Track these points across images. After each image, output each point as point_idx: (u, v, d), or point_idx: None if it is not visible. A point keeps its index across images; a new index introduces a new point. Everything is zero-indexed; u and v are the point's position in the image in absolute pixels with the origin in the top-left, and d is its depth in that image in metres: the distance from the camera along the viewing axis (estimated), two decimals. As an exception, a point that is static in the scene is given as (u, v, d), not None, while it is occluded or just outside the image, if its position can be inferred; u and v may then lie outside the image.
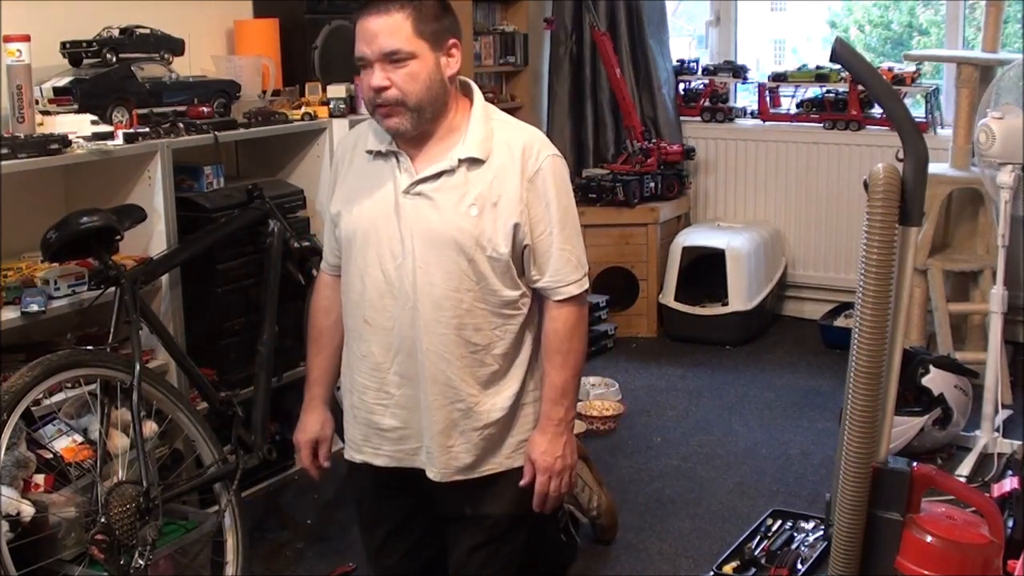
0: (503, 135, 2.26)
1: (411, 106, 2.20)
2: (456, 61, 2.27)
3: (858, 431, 2.07)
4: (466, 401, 2.25)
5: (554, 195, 2.22)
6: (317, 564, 2.94)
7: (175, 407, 2.61)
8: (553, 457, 2.24)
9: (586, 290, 2.27)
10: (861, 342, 2.04)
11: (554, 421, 2.25)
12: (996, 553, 2.14)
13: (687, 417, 3.95)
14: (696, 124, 5.22)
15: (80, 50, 2.98)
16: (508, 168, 2.21)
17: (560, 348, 2.25)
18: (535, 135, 2.29)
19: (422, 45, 2.19)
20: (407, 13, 2.17)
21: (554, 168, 2.24)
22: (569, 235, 2.25)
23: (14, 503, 2.23)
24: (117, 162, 2.84)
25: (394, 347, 2.28)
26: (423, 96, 2.20)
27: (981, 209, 4.12)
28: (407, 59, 2.18)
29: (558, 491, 2.27)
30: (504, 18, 5.05)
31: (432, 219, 2.21)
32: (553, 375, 2.25)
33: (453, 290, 2.21)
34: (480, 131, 2.25)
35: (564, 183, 2.26)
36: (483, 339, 2.24)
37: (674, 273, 4.78)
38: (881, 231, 2.01)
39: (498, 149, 2.23)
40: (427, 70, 2.20)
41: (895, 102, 2.23)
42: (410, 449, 2.33)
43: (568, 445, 2.26)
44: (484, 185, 2.20)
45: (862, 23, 6.15)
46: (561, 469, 2.25)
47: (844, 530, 2.12)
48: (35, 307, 2.54)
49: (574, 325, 2.25)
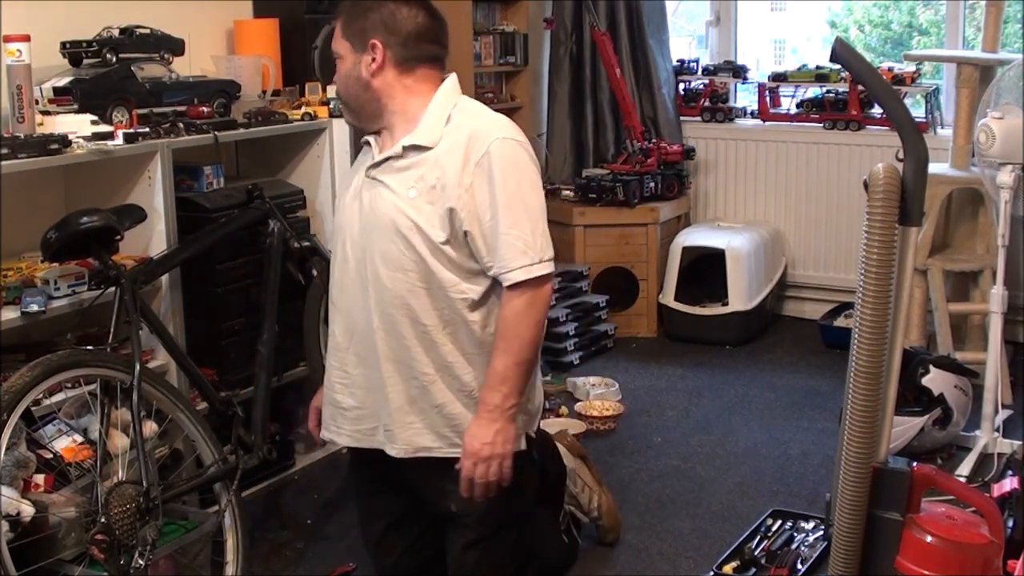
0: (460, 123, 2.28)
1: (343, 99, 2.42)
2: (375, 60, 2.31)
3: (858, 431, 2.07)
4: (420, 379, 2.29)
5: (500, 178, 2.21)
6: (317, 564, 2.94)
7: (175, 407, 2.61)
8: (480, 442, 2.21)
9: (541, 276, 2.21)
10: (861, 342, 2.04)
11: (488, 406, 2.22)
12: (996, 553, 2.14)
13: (687, 417, 3.95)
14: (696, 124, 5.22)
15: (80, 50, 2.98)
16: (452, 153, 2.24)
17: (504, 333, 2.23)
18: (493, 122, 2.30)
19: (346, 46, 2.34)
20: (341, 17, 2.35)
21: (503, 151, 2.23)
22: (518, 219, 2.21)
23: (14, 503, 2.23)
24: (117, 162, 2.84)
25: (351, 328, 2.35)
26: (344, 93, 2.38)
27: (981, 209, 4.12)
28: (338, 59, 2.36)
29: (484, 478, 2.22)
30: (504, 18, 5.05)
31: (379, 203, 2.28)
32: (495, 359, 2.23)
33: (394, 270, 2.26)
34: (432, 119, 2.29)
35: (514, 166, 2.23)
36: (431, 319, 2.27)
37: (674, 273, 4.78)
38: (881, 231, 2.01)
39: (448, 136, 2.26)
40: (346, 70, 2.34)
41: (895, 102, 2.23)
42: (367, 429, 2.39)
43: (501, 433, 2.21)
44: (426, 168, 2.25)
45: (862, 23, 6.15)
46: (488, 456, 2.21)
47: (844, 530, 2.12)
48: (35, 307, 2.54)
49: (521, 312, 2.21)
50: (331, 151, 3.42)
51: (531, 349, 2.23)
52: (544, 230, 2.26)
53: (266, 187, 3.15)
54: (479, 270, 2.26)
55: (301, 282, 3.08)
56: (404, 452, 2.33)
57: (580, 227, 4.79)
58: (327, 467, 3.48)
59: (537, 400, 2.45)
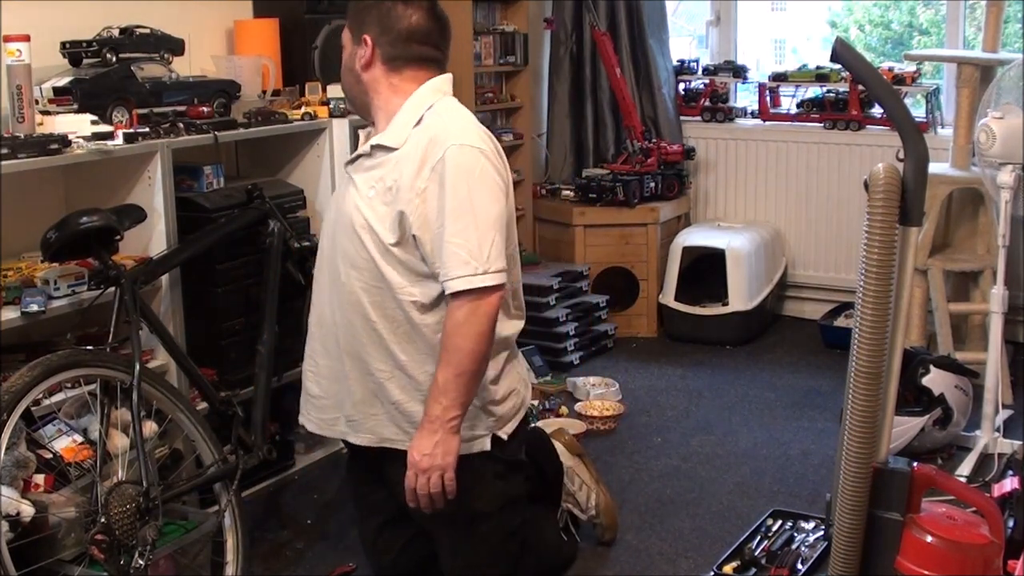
0: (427, 125, 2.28)
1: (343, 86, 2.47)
2: (364, 57, 2.34)
3: (858, 431, 2.07)
4: (375, 376, 2.31)
5: (451, 185, 2.17)
6: (317, 564, 2.94)
7: (175, 407, 2.61)
8: (420, 453, 2.18)
9: (483, 288, 2.15)
10: (861, 342, 2.04)
11: (430, 417, 2.18)
12: (996, 553, 2.14)
13: (687, 417, 3.95)
14: (696, 124, 5.22)
15: (80, 50, 2.98)
16: (411, 156, 2.24)
17: (445, 344, 2.18)
18: (459, 127, 2.26)
19: (347, 37, 2.40)
20: (350, 8, 2.41)
21: (459, 158, 2.19)
22: (464, 227, 2.16)
23: (14, 503, 2.23)
24: (117, 162, 2.84)
25: (320, 319, 2.41)
26: (342, 81, 2.44)
27: (981, 209, 4.12)
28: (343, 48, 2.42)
29: (426, 490, 2.18)
30: (504, 18, 5.05)
31: (345, 200, 2.33)
32: (437, 370, 2.19)
33: (350, 267, 2.30)
34: (402, 120, 2.30)
35: (468, 174, 2.19)
36: (380, 320, 2.28)
37: (674, 273, 4.78)
38: (881, 231, 2.01)
39: (413, 138, 2.27)
40: (344, 60, 2.40)
41: (895, 102, 2.23)
42: (329, 419, 2.44)
43: (441, 445, 2.17)
44: (387, 169, 2.27)
45: (862, 23, 6.15)
46: (427, 467, 2.17)
47: (844, 530, 2.12)
48: (35, 307, 2.54)
49: (460, 322, 2.16)
50: (331, 151, 3.42)
51: (472, 361, 2.17)
52: (495, 241, 2.19)
53: (266, 187, 3.15)
54: (429, 274, 2.24)
55: (301, 282, 3.08)
56: (369, 441, 2.36)
57: (580, 227, 4.78)
58: (327, 467, 3.48)
59: (510, 402, 2.41)
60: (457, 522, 2.36)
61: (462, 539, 2.40)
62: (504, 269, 2.20)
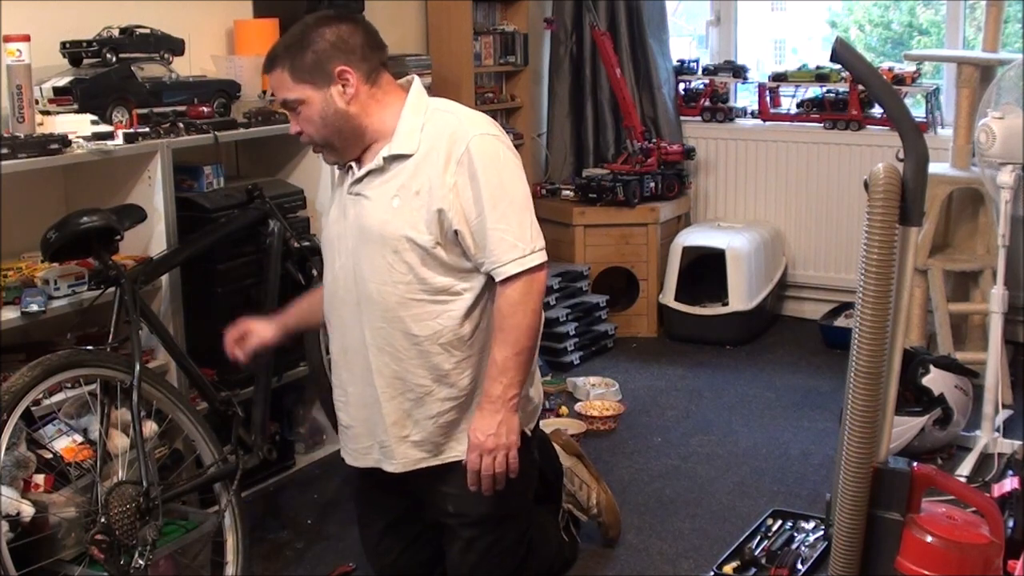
0: (436, 124, 2.28)
1: (320, 143, 2.33)
2: (351, 86, 2.28)
3: (858, 431, 2.07)
4: (415, 391, 2.30)
5: (483, 175, 2.21)
6: (317, 564, 2.94)
7: (175, 407, 2.61)
8: (484, 434, 2.22)
9: (533, 267, 2.22)
10: (861, 342, 2.04)
11: (490, 398, 2.23)
12: (996, 553, 2.15)
13: (687, 417, 3.95)
14: (696, 124, 5.22)
15: (80, 50, 2.98)
16: (432, 155, 2.24)
17: (501, 325, 2.24)
18: (469, 119, 2.30)
19: (305, 89, 2.27)
20: (284, 65, 2.28)
21: (482, 147, 2.23)
22: (504, 213, 2.22)
23: (14, 503, 2.23)
24: (117, 162, 2.84)
25: (345, 345, 2.37)
26: (324, 133, 2.31)
27: (981, 209, 4.12)
28: (299, 105, 2.29)
29: (491, 470, 2.22)
30: (504, 18, 5.05)
31: (364, 216, 2.29)
32: (494, 351, 2.24)
33: (383, 283, 2.27)
34: (408, 126, 2.29)
35: (495, 161, 2.24)
36: (424, 330, 2.27)
37: (674, 273, 4.78)
38: (881, 231, 2.01)
39: (427, 139, 2.27)
40: (318, 110, 2.29)
41: (895, 102, 2.23)
42: (363, 448, 2.42)
43: (504, 424, 2.22)
44: (407, 176, 2.26)
45: (862, 23, 6.15)
46: (493, 447, 2.21)
47: (844, 530, 2.12)
48: (35, 307, 2.54)
49: (516, 302, 2.22)
50: (331, 151, 3.41)
51: (529, 337, 2.24)
52: (532, 220, 2.26)
53: (266, 187, 3.15)
54: (472, 268, 2.27)
55: (301, 282, 3.08)
56: (402, 467, 2.35)
57: (580, 227, 4.78)
58: (327, 467, 3.48)
59: (536, 399, 2.45)
60: (486, 518, 2.36)
61: (484, 535, 2.40)
62: (544, 247, 2.28)
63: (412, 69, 4.12)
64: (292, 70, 2.27)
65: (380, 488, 2.50)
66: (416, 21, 4.67)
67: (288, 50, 2.28)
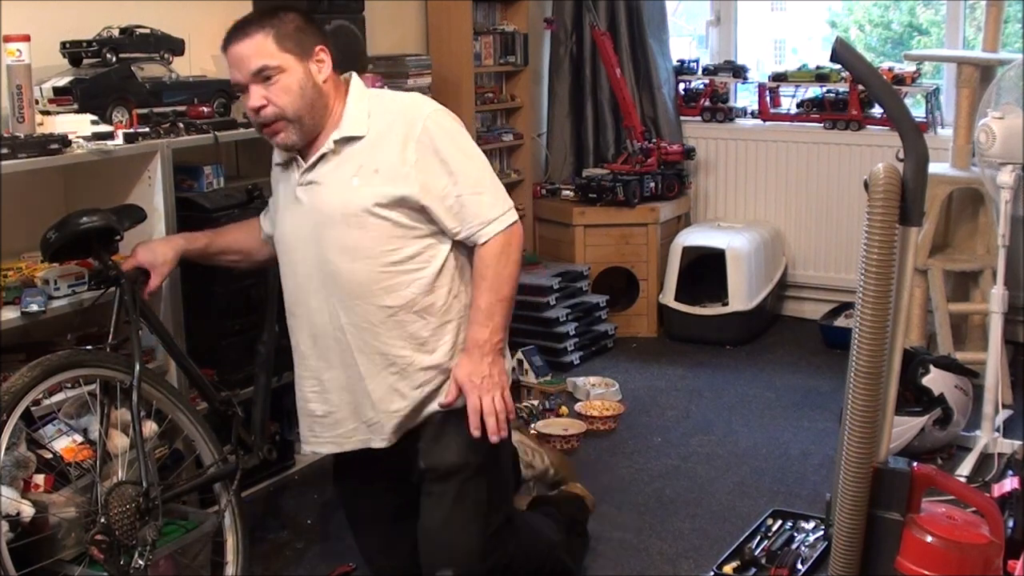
0: (383, 108, 2.35)
1: (290, 117, 2.31)
2: (326, 65, 2.35)
3: (858, 431, 2.07)
4: (398, 364, 2.32)
5: (445, 149, 2.28)
6: (317, 564, 2.94)
7: (175, 407, 2.61)
8: (480, 376, 2.26)
9: (513, 223, 2.31)
10: (861, 342, 2.04)
11: (478, 342, 2.27)
12: (996, 553, 2.14)
13: (687, 417, 3.95)
14: (696, 124, 5.22)
15: (80, 50, 2.98)
16: (387, 135, 2.29)
17: (484, 273, 2.29)
18: (415, 99, 2.39)
19: (288, 58, 2.30)
20: (267, 31, 2.29)
21: (439, 122, 2.31)
22: (477, 180, 2.31)
23: (14, 503, 2.23)
24: (117, 162, 2.84)
25: (316, 333, 2.38)
26: (299, 105, 2.31)
27: (981, 209, 4.12)
28: (276, 74, 2.29)
29: (492, 409, 2.25)
30: (504, 18, 5.05)
31: (322, 200, 2.32)
32: (478, 299, 2.30)
33: (352, 261, 2.29)
34: (355, 111, 2.34)
35: (454, 133, 2.32)
36: (397, 300, 2.30)
37: (674, 273, 4.78)
38: (881, 231, 2.01)
39: (377, 121, 2.32)
40: (298, 80, 2.30)
41: (895, 102, 2.23)
42: (346, 432, 2.42)
43: (495, 365, 2.27)
44: (363, 156, 2.30)
45: (862, 23, 6.15)
46: (491, 387, 2.26)
47: (844, 530, 2.12)
48: (35, 307, 2.54)
49: (499, 252, 2.29)
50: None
51: (511, 286, 2.31)
52: (497, 180, 2.36)
53: (266, 187, 3.14)
54: (436, 231, 2.31)
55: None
56: (392, 440, 2.36)
57: (580, 227, 4.79)
58: (327, 467, 3.46)
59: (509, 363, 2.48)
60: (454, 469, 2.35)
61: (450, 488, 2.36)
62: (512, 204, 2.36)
63: (412, 69, 4.13)
64: (277, 36, 2.29)
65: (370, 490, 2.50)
66: (416, 21, 4.67)
67: (268, 18, 2.32)
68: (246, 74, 2.31)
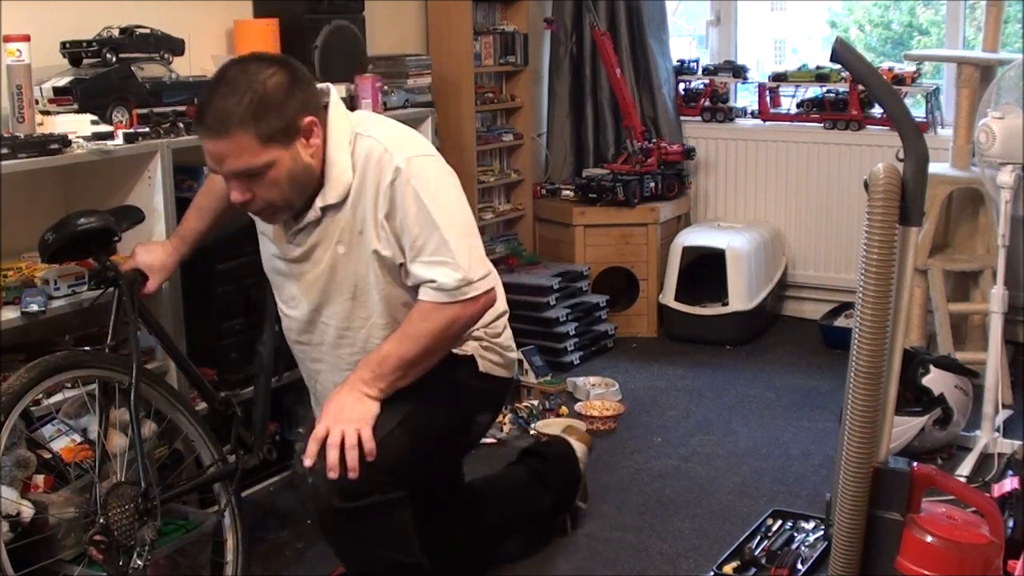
0: (362, 155, 2.12)
1: (280, 206, 2.13)
2: (316, 135, 2.10)
3: (858, 431, 2.07)
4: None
5: (412, 206, 2.08)
6: (317, 564, 2.94)
7: (174, 407, 2.61)
8: (337, 406, 2.13)
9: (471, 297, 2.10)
10: (861, 342, 2.04)
11: (356, 379, 2.15)
12: (996, 553, 2.15)
13: (687, 417, 3.95)
14: (696, 124, 5.22)
15: (80, 50, 2.98)
16: (364, 190, 2.12)
17: (406, 327, 2.14)
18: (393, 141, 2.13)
19: (274, 151, 2.06)
20: (247, 127, 2.03)
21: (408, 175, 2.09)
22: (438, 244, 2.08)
23: (14, 503, 2.23)
24: (117, 162, 2.84)
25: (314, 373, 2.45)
26: (289, 194, 2.12)
27: (981, 209, 4.12)
28: (263, 171, 2.06)
29: (336, 442, 2.08)
30: (504, 18, 5.05)
31: (311, 275, 2.25)
32: (386, 341, 2.17)
33: (348, 329, 2.27)
34: (337, 169, 2.12)
35: (424, 188, 2.09)
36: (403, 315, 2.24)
37: (674, 273, 4.78)
38: (881, 231, 2.01)
39: (357, 175, 2.13)
40: (287, 169, 2.09)
41: (895, 102, 2.23)
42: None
43: (361, 403, 2.11)
44: (345, 220, 2.15)
45: (862, 23, 6.15)
46: (345, 421, 2.09)
47: (844, 530, 2.12)
48: (35, 307, 2.54)
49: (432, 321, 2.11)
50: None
51: (420, 354, 2.14)
52: (472, 245, 2.12)
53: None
54: None
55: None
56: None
57: (580, 227, 4.78)
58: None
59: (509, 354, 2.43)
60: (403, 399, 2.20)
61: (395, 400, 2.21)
62: (488, 273, 2.16)
63: (412, 69, 4.12)
64: (260, 130, 2.03)
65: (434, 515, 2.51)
66: (416, 21, 4.67)
67: (249, 107, 2.02)
68: (228, 173, 2.10)
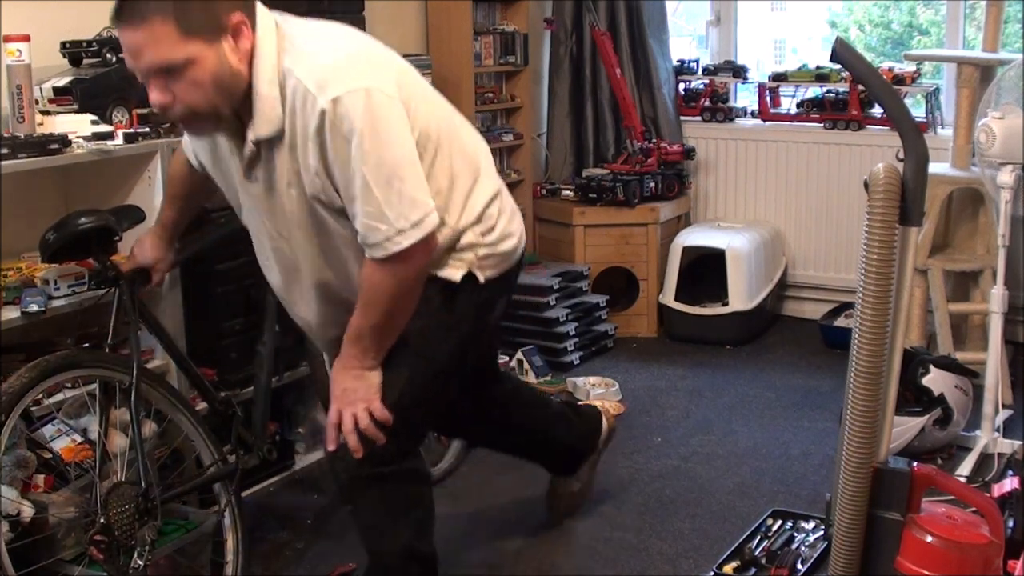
0: (290, 95, 1.95)
1: (204, 113, 1.95)
2: (246, 36, 1.91)
3: (858, 431, 2.07)
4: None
5: (338, 149, 1.93)
6: (317, 564, 2.94)
7: (174, 407, 2.61)
8: (340, 388, 2.16)
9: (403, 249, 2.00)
10: (861, 342, 2.04)
11: (345, 359, 2.17)
12: (996, 553, 2.14)
13: (687, 417, 3.95)
14: (696, 124, 5.22)
15: (80, 50, 2.98)
16: (296, 134, 1.98)
17: (362, 297, 2.12)
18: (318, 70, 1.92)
19: (196, 45, 1.87)
20: (166, 14, 1.83)
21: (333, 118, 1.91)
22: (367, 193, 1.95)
23: (14, 503, 2.23)
24: (117, 162, 2.84)
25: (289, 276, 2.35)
26: (214, 99, 1.93)
27: (981, 209, 4.12)
28: (183, 68, 1.88)
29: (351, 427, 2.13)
30: (504, 18, 5.05)
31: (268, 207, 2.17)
32: (355, 315, 2.14)
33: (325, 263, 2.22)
34: (264, 102, 1.95)
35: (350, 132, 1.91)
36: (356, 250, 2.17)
37: (674, 273, 4.78)
38: (881, 231, 2.01)
39: (287, 115, 1.96)
40: (211, 70, 1.89)
41: (895, 102, 2.23)
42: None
43: (361, 380, 2.13)
44: (290, 162, 2.02)
45: (862, 23, 6.15)
46: (352, 401, 2.14)
47: (844, 530, 2.12)
48: (35, 307, 2.54)
49: (378, 282, 2.07)
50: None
51: (388, 317, 2.11)
52: (399, 190, 1.96)
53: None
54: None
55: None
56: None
57: (580, 227, 4.78)
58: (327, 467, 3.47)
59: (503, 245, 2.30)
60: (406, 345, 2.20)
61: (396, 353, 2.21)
62: (425, 215, 2.02)
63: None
64: (181, 20, 1.83)
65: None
66: (416, 21, 4.67)
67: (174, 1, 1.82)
68: (144, 69, 1.90)
